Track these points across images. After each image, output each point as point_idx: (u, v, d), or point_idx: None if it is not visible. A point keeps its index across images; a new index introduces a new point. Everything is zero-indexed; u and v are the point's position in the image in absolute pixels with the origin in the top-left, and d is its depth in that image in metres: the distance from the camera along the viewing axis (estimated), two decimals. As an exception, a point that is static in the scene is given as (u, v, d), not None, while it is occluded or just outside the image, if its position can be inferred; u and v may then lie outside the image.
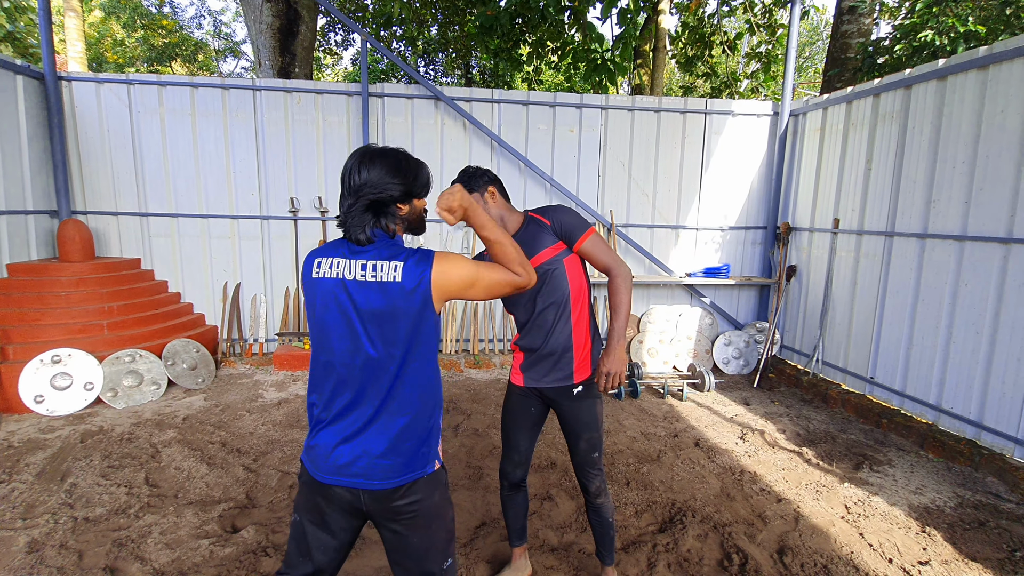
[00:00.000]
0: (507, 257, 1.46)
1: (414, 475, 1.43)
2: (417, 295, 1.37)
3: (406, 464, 1.42)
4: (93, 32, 15.33)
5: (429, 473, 1.45)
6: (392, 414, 1.41)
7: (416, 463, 1.43)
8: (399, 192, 1.43)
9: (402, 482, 1.41)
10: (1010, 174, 3.48)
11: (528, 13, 7.59)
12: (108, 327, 4.55)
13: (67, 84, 5.11)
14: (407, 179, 1.44)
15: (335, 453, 1.42)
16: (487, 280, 1.43)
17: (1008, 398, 3.47)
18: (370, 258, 1.39)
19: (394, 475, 1.41)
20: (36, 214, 4.93)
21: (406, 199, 1.46)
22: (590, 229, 2.04)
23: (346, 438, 1.42)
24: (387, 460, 1.40)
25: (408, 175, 1.44)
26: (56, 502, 2.86)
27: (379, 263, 1.38)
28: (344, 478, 1.41)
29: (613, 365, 1.96)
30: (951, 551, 2.68)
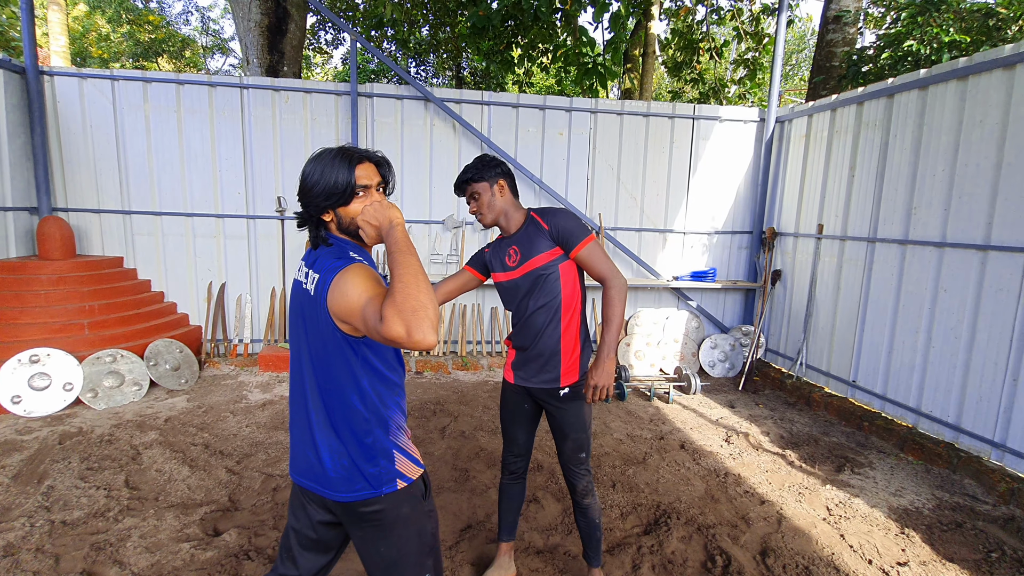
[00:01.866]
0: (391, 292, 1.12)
1: (368, 493, 1.36)
2: (322, 311, 1.29)
3: (352, 482, 1.35)
4: (77, 26, 15.08)
5: (387, 492, 1.37)
6: (324, 428, 1.37)
7: (367, 481, 1.35)
8: (313, 207, 1.36)
9: (354, 498, 1.36)
10: (988, 183, 3.55)
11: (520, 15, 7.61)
12: (89, 326, 4.47)
13: (49, 79, 5.01)
14: (306, 195, 1.36)
15: (295, 454, 1.45)
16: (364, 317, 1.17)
17: (985, 402, 3.54)
18: (310, 265, 1.37)
19: (344, 489, 1.36)
20: (15, 211, 4.83)
21: (321, 211, 1.37)
22: (589, 237, 2.02)
23: (299, 442, 1.43)
24: (331, 473, 1.36)
25: (306, 191, 1.36)
26: (33, 505, 2.80)
27: (310, 272, 1.36)
28: (306, 481, 1.42)
29: (601, 378, 1.95)
30: (929, 552, 2.73)
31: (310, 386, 1.38)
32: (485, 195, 2.05)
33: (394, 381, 1.41)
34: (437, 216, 5.68)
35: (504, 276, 2.12)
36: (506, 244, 2.12)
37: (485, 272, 2.21)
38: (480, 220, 2.09)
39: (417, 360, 5.46)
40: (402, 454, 1.41)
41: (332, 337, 1.30)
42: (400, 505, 1.39)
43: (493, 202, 2.07)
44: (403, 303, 1.09)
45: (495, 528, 2.74)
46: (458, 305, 5.82)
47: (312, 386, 1.38)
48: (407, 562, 1.41)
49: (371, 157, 1.40)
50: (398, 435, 1.42)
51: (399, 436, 1.42)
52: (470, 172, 2.04)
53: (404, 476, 1.40)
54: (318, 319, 1.31)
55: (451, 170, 5.63)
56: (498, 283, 2.16)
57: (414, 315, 1.08)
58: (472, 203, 2.08)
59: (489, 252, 2.19)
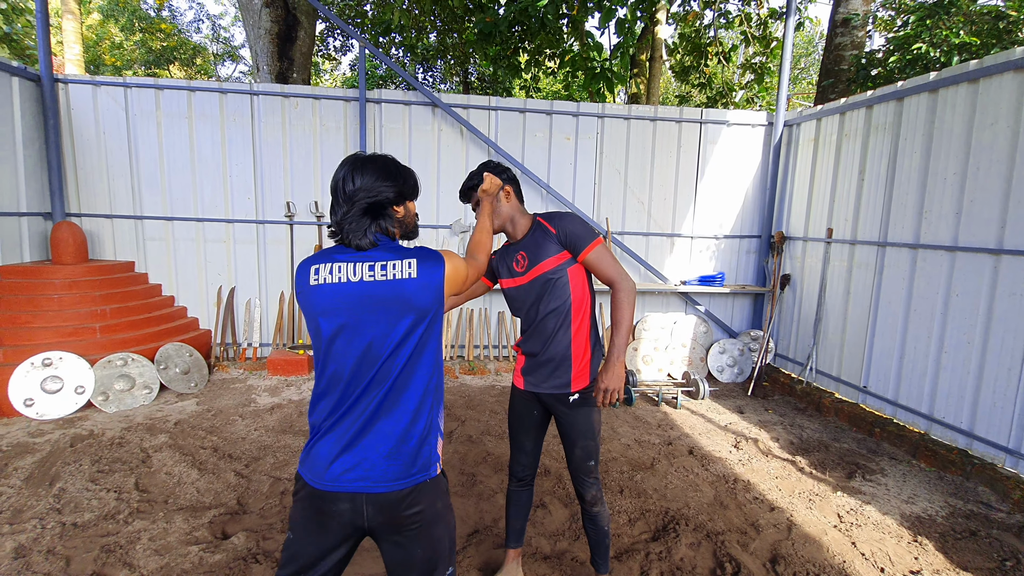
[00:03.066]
0: (482, 247, 1.80)
1: (416, 479, 1.39)
2: (430, 291, 1.39)
3: (408, 467, 1.39)
4: (91, 35, 15.33)
5: (432, 477, 1.43)
6: (396, 414, 1.38)
7: (418, 466, 1.40)
8: (393, 194, 1.44)
9: (405, 486, 1.37)
10: (999, 186, 3.52)
11: (527, 21, 7.64)
12: (100, 330, 4.52)
13: (63, 86, 5.10)
14: (399, 181, 1.46)
15: (337, 461, 1.37)
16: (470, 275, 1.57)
17: (999, 408, 3.49)
18: (378, 258, 1.38)
19: (397, 478, 1.37)
20: (30, 216, 4.91)
21: (400, 201, 1.48)
22: (596, 240, 2.01)
23: (348, 443, 1.37)
24: (389, 462, 1.37)
25: (399, 177, 1.47)
26: (44, 507, 2.83)
27: (391, 262, 1.38)
28: (345, 484, 1.36)
29: (611, 381, 1.94)
30: (942, 560, 2.69)
31: (380, 376, 1.37)
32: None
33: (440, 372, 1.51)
34: (444, 220, 5.70)
35: (512, 282, 2.11)
36: (513, 250, 2.12)
37: (492, 278, 2.21)
38: None
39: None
40: (440, 436, 1.51)
41: (432, 314, 1.42)
42: (436, 499, 1.44)
43: (499, 208, 2.07)
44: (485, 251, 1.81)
45: (502, 533, 2.73)
46: (465, 310, 5.82)
47: (387, 374, 1.37)
48: (440, 559, 1.44)
49: None
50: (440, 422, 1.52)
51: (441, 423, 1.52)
52: (476, 178, 2.04)
53: (439, 461, 1.49)
54: (420, 300, 1.39)
55: (458, 175, 5.65)
56: (506, 289, 2.15)
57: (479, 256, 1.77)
58: (477, 209, 2.07)
59: (496, 258, 2.18)
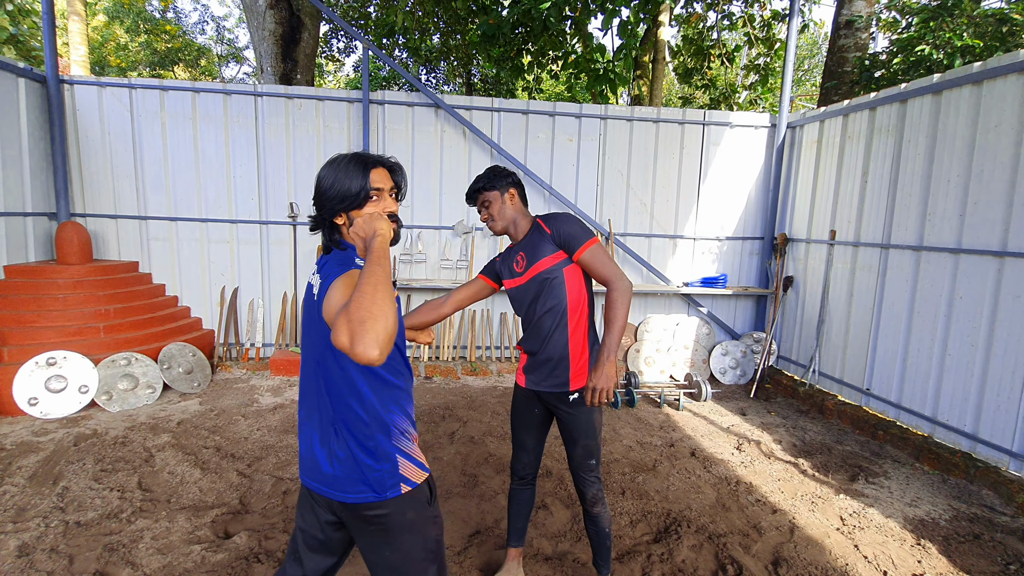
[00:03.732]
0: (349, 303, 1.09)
1: (371, 496, 1.35)
2: (320, 314, 1.31)
3: (357, 483, 1.35)
4: (96, 36, 15.41)
5: (391, 497, 1.36)
6: (327, 430, 1.38)
7: (370, 485, 1.35)
8: (327, 210, 1.39)
9: (358, 500, 1.36)
10: (1003, 188, 3.51)
11: (530, 23, 7.65)
12: (104, 330, 4.54)
13: (69, 87, 5.13)
14: (320, 198, 1.39)
15: (303, 456, 1.46)
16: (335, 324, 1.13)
17: (1003, 411, 3.48)
18: (318, 270, 1.43)
19: (348, 490, 1.36)
20: (35, 216, 4.94)
21: (334, 214, 1.39)
22: (591, 240, 2.04)
23: (307, 444, 1.44)
24: (334, 473, 1.37)
25: (320, 194, 1.39)
26: (48, 506, 2.84)
27: (316, 277, 1.41)
28: (313, 482, 1.43)
29: (600, 381, 1.94)
30: (946, 564, 2.68)
31: (316, 389, 1.41)
32: (496, 204, 2.11)
33: (396, 384, 1.40)
34: (447, 222, 5.71)
35: (512, 282, 2.16)
36: (514, 251, 2.17)
37: (497, 280, 2.24)
38: (490, 227, 2.15)
39: (426, 365, 5.48)
40: (406, 458, 1.40)
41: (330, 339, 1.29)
42: (405, 511, 1.38)
43: (503, 210, 2.12)
44: (353, 312, 1.05)
45: (504, 534, 2.74)
46: (468, 311, 5.83)
47: (319, 389, 1.40)
48: (411, 568, 1.40)
49: (384, 162, 1.43)
50: (401, 439, 1.40)
51: (402, 440, 1.41)
52: (481, 181, 2.11)
53: (408, 480, 1.40)
54: (320, 322, 1.33)
55: (461, 176, 5.66)
56: (508, 290, 2.20)
57: (360, 326, 1.03)
58: (483, 211, 2.14)
59: (499, 261, 2.23)
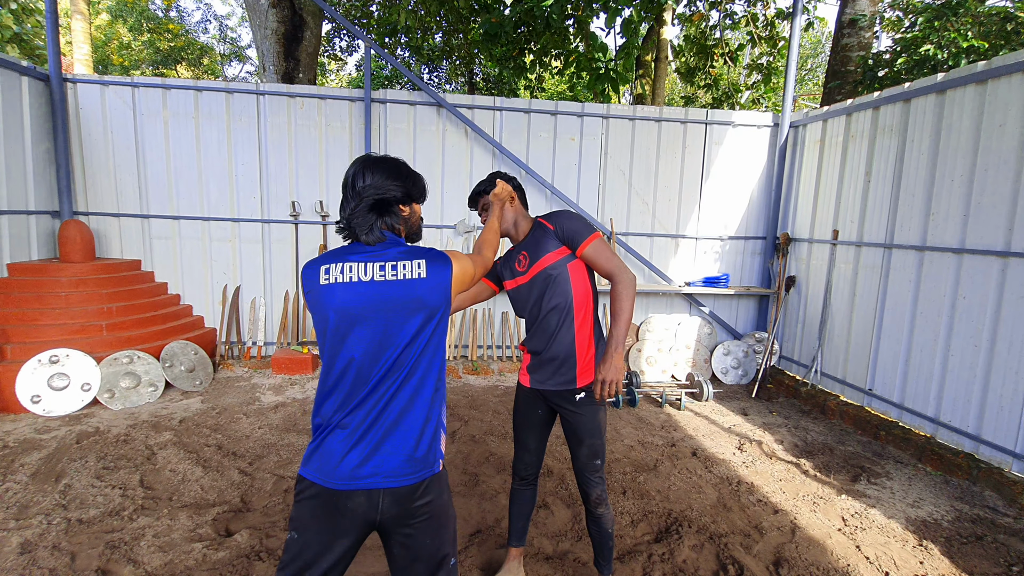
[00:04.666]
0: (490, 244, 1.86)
1: (426, 472, 1.44)
2: (439, 291, 1.44)
3: (418, 462, 1.43)
4: (99, 35, 15.43)
5: (437, 472, 1.48)
6: (406, 412, 1.41)
7: (427, 460, 1.45)
8: (400, 193, 1.50)
9: (418, 479, 1.42)
10: (1008, 188, 3.49)
11: (532, 21, 7.65)
12: (107, 328, 4.55)
13: (72, 86, 5.14)
14: (407, 182, 1.53)
15: (348, 458, 1.37)
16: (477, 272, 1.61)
17: (1006, 412, 3.47)
18: (389, 258, 1.40)
19: (408, 473, 1.41)
20: (38, 214, 4.95)
21: (407, 201, 1.53)
22: (594, 235, 2.05)
23: (360, 438, 1.38)
24: (402, 458, 1.40)
25: (407, 178, 1.53)
26: (50, 503, 2.85)
27: (401, 262, 1.41)
28: (362, 482, 1.37)
29: (609, 373, 1.96)
30: (948, 565, 2.67)
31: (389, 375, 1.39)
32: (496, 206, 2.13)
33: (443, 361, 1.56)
34: (449, 221, 5.71)
35: (515, 282, 2.16)
36: (516, 252, 2.18)
37: (498, 282, 2.25)
38: None
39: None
40: (444, 431, 1.55)
41: (439, 314, 1.45)
42: (442, 491, 1.49)
43: (504, 213, 2.15)
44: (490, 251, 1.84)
45: (505, 533, 2.73)
46: (469, 310, 5.83)
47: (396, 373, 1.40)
48: (445, 549, 1.49)
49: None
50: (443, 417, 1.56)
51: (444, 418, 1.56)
52: (484, 185, 2.16)
53: (443, 455, 1.53)
54: (428, 299, 1.42)
55: (463, 175, 5.66)
56: (510, 291, 2.20)
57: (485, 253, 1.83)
58: (484, 214, 2.16)
59: (500, 263, 2.24)
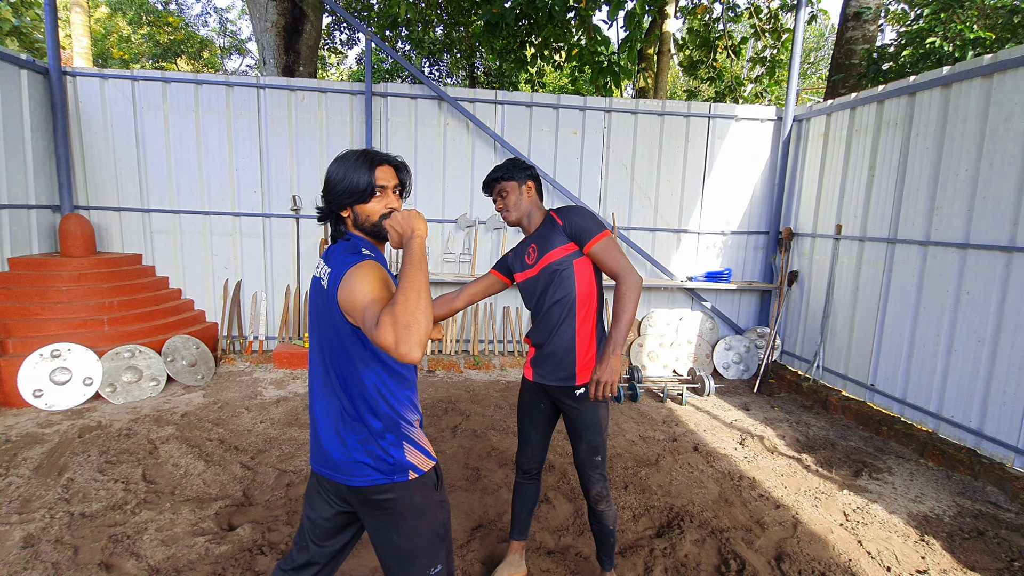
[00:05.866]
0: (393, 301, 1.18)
1: (380, 479, 1.40)
2: (333, 303, 1.35)
3: (365, 468, 1.40)
4: (99, 28, 15.37)
5: (399, 481, 1.41)
6: (339, 417, 1.43)
7: (378, 469, 1.40)
8: (335, 204, 1.45)
9: (365, 484, 1.41)
10: (1013, 183, 3.46)
11: (534, 14, 7.59)
12: (108, 322, 4.55)
13: (71, 79, 5.11)
14: (329, 192, 1.46)
15: (313, 443, 1.51)
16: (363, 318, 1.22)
17: (1009, 407, 3.46)
18: (326, 260, 1.46)
19: (355, 475, 1.41)
20: (38, 208, 4.94)
21: (342, 208, 1.46)
22: (602, 233, 2.03)
23: (315, 431, 1.49)
24: (343, 459, 1.42)
25: (329, 191, 1.45)
26: (52, 497, 2.86)
27: (325, 267, 1.44)
28: (323, 468, 1.47)
29: (604, 374, 1.93)
30: (950, 560, 2.67)
31: (326, 378, 1.45)
32: (512, 194, 2.11)
33: (403, 375, 1.45)
34: (450, 215, 5.69)
35: (523, 275, 2.16)
36: (526, 244, 2.17)
37: (509, 275, 2.24)
38: (504, 217, 2.15)
39: (429, 359, 5.48)
40: (413, 446, 1.45)
41: (343, 329, 1.37)
42: (412, 494, 1.43)
43: (519, 202, 2.12)
44: (400, 316, 1.15)
45: (506, 527, 2.74)
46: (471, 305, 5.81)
47: (328, 378, 1.45)
48: (420, 551, 1.44)
49: (391, 161, 1.50)
50: (408, 428, 1.46)
51: (409, 428, 1.46)
52: (500, 171, 2.11)
53: (416, 468, 1.44)
54: (330, 311, 1.38)
55: (464, 169, 5.64)
56: (519, 283, 2.19)
57: (406, 330, 1.14)
58: (499, 200, 2.13)
59: (512, 255, 2.23)
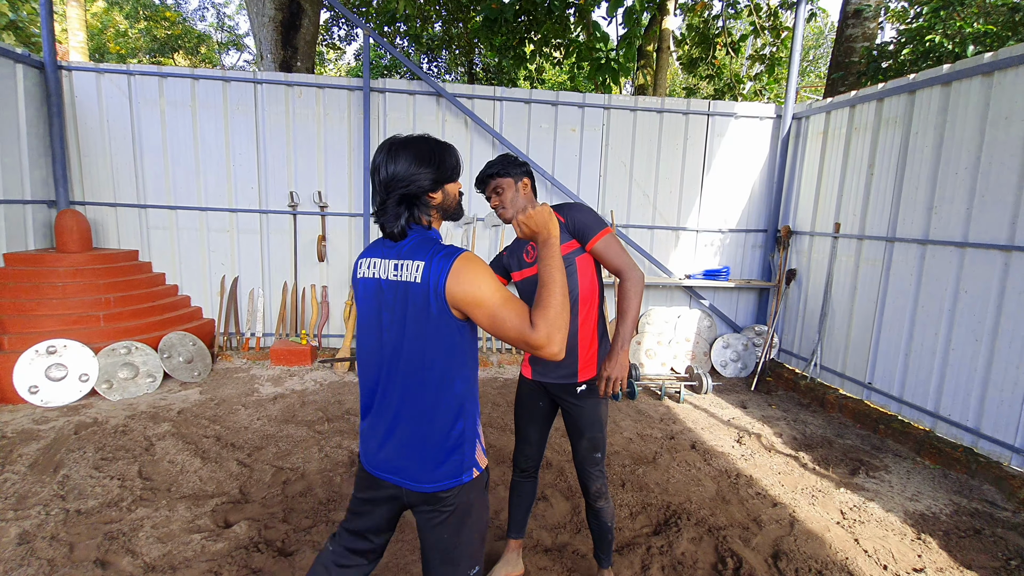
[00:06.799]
0: (545, 304, 1.28)
1: (451, 483, 1.41)
2: (432, 298, 1.32)
3: (439, 469, 1.40)
4: (96, 22, 15.27)
5: (466, 482, 1.44)
6: (409, 419, 1.41)
7: (451, 469, 1.41)
8: (428, 182, 1.40)
9: (438, 488, 1.41)
10: (1013, 181, 3.46)
11: (533, 10, 7.56)
12: (104, 318, 4.53)
13: (67, 74, 5.08)
14: (434, 167, 1.41)
15: (372, 446, 1.48)
16: (500, 315, 1.28)
17: (1006, 406, 3.46)
18: (401, 256, 1.38)
19: (428, 479, 1.41)
20: (34, 204, 4.91)
21: (436, 187, 1.43)
22: (605, 229, 2.02)
23: (379, 433, 1.46)
24: (411, 463, 1.42)
25: (434, 163, 1.41)
26: (48, 494, 2.85)
27: (405, 263, 1.37)
28: (383, 473, 1.47)
29: (615, 370, 1.94)
30: (946, 558, 2.67)
31: (398, 378, 1.41)
32: (509, 191, 2.07)
33: (475, 375, 1.47)
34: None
35: (522, 273, 2.14)
36: (524, 242, 2.15)
37: (506, 275, 2.23)
38: (500, 215, 2.11)
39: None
40: (479, 443, 1.49)
41: (442, 324, 1.34)
42: (470, 494, 1.45)
43: (516, 198, 2.08)
44: (555, 318, 1.27)
45: (503, 525, 2.73)
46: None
47: (403, 377, 1.40)
48: (465, 551, 1.46)
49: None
50: (477, 425, 1.48)
51: (478, 426, 1.49)
52: (495, 167, 2.07)
53: (479, 465, 1.47)
54: (425, 306, 1.33)
55: (463, 166, 5.61)
56: (517, 282, 2.18)
57: (559, 332, 1.27)
58: (494, 197, 2.09)
59: (507, 255, 2.21)
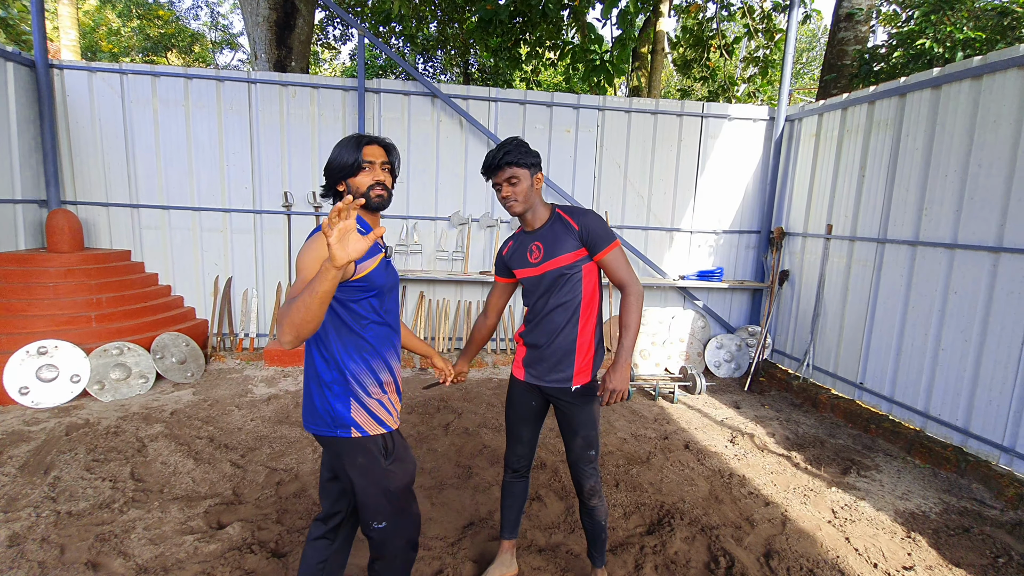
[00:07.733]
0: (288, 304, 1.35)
1: (320, 430, 1.61)
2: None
3: (312, 414, 1.62)
4: (88, 20, 15.16)
5: (340, 436, 1.60)
6: (308, 367, 1.66)
7: (322, 419, 1.61)
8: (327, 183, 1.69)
9: (311, 431, 1.63)
10: (1001, 183, 3.50)
11: (528, 11, 7.57)
12: (96, 319, 4.50)
13: (59, 72, 5.04)
14: (327, 170, 1.67)
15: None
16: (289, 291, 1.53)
17: (994, 406, 3.50)
18: None
19: (310, 422, 1.64)
20: (25, 203, 4.87)
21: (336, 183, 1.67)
22: (615, 242, 2.01)
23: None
24: (306, 406, 1.66)
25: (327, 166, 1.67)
26: (39, 495, 2.83)
27: None
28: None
29: (618, 383, 1.92)
30: (935, 557, 2.70)
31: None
32: (523, 183, 1.94)
33: (363, 337, 1.61)
34: (443, 212, 5.68)
35: (524, 272, 2.09)
36: (528, 240, 2.07)
37: (510, 274, 2.17)
38: (509, 207, 1.98)
39: (422, 359, 5.45)
40: (360, 406, 1.61)
41: None
42: (355, 453, 1.61)
43: (529, 193, 1.97)
44: (283, 313, 1.36)
45: (497, 525, 2.74)
46: (463, 302, 5.81)
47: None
48: (367, 505, 1.64)
49: (379, 141, 1.70)
50: (358, 389, 1.61)
51: (359, 389, 1.61)
52: (512, 155, 1.90)
53: (359, 427, 1.61)
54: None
55: (457, 167, 5.62)
56: (522, 280, 2.13)
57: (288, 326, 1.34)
58: (507, 187, 1.94)
59: (508, 252, 2.15)
